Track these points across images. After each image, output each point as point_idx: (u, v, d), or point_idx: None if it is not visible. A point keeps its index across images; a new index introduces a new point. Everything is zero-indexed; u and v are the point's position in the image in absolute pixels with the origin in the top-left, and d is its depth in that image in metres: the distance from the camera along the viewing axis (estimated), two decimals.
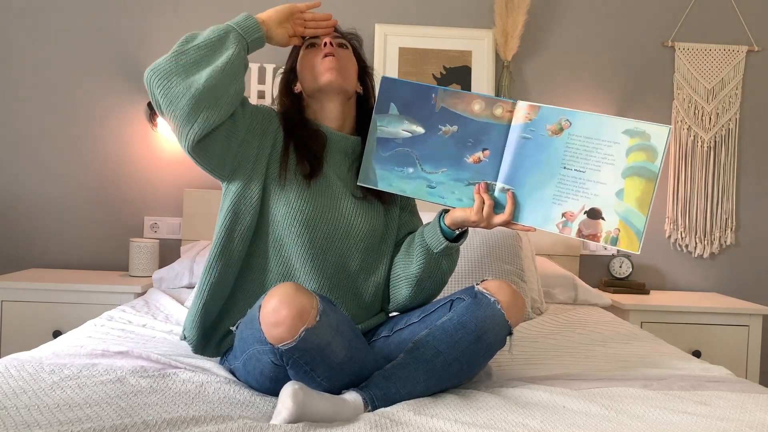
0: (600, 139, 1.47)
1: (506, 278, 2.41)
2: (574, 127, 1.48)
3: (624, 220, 1.46)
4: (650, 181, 1.44)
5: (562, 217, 1.49)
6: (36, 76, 2.98)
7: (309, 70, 1.64)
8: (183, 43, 1.46)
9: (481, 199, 1.51)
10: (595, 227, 1.48)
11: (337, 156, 1.64)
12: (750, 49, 3.10)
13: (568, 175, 1.48)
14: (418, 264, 1.61)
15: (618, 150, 1.46)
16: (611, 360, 1.81)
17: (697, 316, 2.74)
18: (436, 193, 1.56)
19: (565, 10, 3.09)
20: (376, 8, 3.03)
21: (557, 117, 1.49)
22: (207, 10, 2.99)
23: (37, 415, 1.18)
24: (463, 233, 1.61)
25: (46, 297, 2.60)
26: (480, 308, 1.46)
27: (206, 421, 1.18)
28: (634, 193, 1.45)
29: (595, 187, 1.47)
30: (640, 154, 1.45)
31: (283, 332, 1.27)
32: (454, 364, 1.43)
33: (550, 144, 1.48)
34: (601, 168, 1.46)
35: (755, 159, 3.14)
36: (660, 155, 1.44)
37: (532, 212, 1.51)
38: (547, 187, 1.49)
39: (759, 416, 1.30)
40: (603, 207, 1.47)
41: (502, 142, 1.51)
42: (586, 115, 1.48)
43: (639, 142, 1.45)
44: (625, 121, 1.46)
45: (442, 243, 1.57)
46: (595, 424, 1.25)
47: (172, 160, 3.01)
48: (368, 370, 1.40)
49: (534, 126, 1.50)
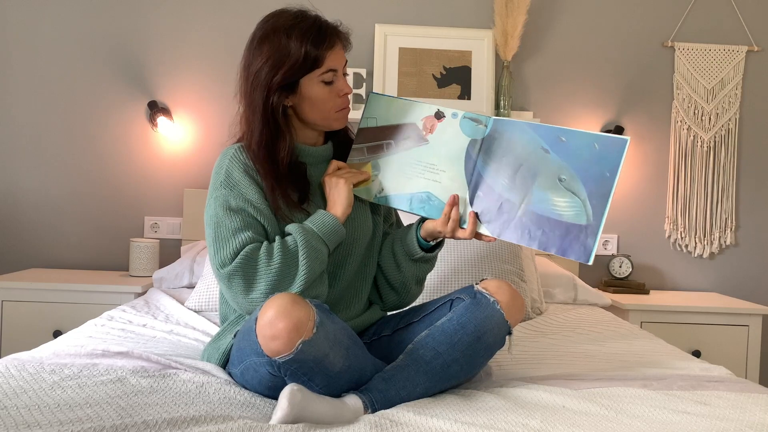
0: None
1: (506, 278, 2.41)
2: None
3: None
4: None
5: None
6: (36, 76, 2.98)
7: (320, 109, 1.57)
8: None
9: (448, 212, 1.55)
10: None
11: (320, 167, 1.64)
12: (750, 49, 3.10)
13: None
14: (404, 269, 1.65)
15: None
16: (611, 360, 1.81)
17: (697, 316, 2.74)
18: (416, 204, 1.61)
19: (565, 10, 3.09)
20: (376, 8, 3.03)
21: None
22: (207, 10, 2.99)
23: (37, 415, 1.18)
24: (439, 243, 1.65)
25: (46, 297, 2.60)
26: (479, 308, 1.46)
27: (206, 421, 1.19)
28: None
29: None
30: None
31: (279, 345, 1.27)
32: (453, 365, 1.43)
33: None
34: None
35: (755, 159, 3.14)
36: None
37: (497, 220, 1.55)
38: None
39: (759, 416, 1.30)
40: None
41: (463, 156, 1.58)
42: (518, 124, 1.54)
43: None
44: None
45: (418, 252, 1.62)
46: (595, 424, 1.25)
47: (172, 160, 3.01)
48: (367, 376, 1.40)
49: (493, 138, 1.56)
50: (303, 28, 1.51)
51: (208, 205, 1.55)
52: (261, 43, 1.52)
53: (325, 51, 1.52)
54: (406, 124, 1.63)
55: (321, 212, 1.54)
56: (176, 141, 3.00)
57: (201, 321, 2.09)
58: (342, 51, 1.58)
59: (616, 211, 3.09)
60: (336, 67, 1.55)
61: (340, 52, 1.57)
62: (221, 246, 1.47)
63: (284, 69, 1.50)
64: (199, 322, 2.08)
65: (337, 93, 1.57)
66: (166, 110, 2.95)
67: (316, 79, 1.53)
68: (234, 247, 1.45)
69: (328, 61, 1.53)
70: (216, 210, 1.51)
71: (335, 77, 1.55)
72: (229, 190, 1.51)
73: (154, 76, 3.00)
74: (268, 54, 1.50)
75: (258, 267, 1.44)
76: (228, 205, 1.50)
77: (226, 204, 1.50)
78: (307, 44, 1.50)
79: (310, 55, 1.50)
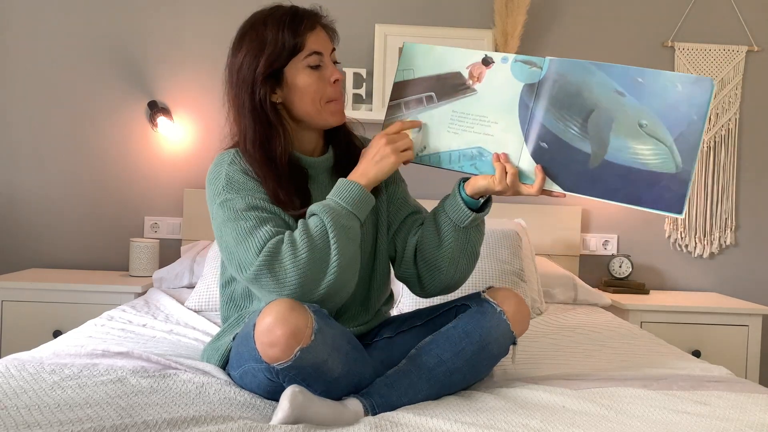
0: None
1: (506, 278, 2.41)
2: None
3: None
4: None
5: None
6: (36, 76, 2.98)
7: (311, 98, 1.48)
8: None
9: (502, 167, 1.41)
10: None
11: (320, 178, 1.56)
12: (750, 49, 3.09)
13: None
14: (448, 243, 1.50)
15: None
16: (611, 360, 1.81)
17: (697, 316, 2.74)
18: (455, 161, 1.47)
19: (565, 10, 3.09)
20: (376, 8, 3.03)
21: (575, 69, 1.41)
22: (207, 10, 2.99)
23: (37, 415, 1.18)
24: (488, 201, 1.51)
25: (46, 297, 2.60)
26: (485, 317, 1.44)
27: (206, 421, 1.19)
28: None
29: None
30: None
31: (278, 352, 1.25)
32: (456, 373, 1.42)
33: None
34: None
35: (755, 159, 3.14)
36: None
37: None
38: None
39: (759, 416, 1.30)
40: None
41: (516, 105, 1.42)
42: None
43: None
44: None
45: (468, 215, 1.47)
46: (595, 424, 1.25)
47: (172, 160, 3.01)
48: (367, 380, 1.39)
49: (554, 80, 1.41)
50: (277, 15, 1.46)
51: (214, 215, 1.45)
52: (240, 41, 1.48)
53: (304, 33, 1.45)
54: (449, 74, 1.47)
55: (343, 181, 1.42)
56: (176, 141, 3.00)
57: (201, 321, 2.09)
58: (324, 35, 1.49)
59: (616, 211, 3.09)
60: (319, 49, 1.46)
61: (322, 34, 1.48)
62: (239, 248, 1.37)
63: (264, 57, 1.44)
64: (199, 322, 2.08)
65: (327, 79, 1.47)
66: (166, 110, 2.95)
67: (300, 65, 1.46)
68: (255, 246, 1.35)
69: (310, 43, 1.45)
70: (225, 215, 1.42)
71: (322, 61, 1.47)
72: (234, 193, 1.43)
73: (154, 76, 3.00)
74: (247, 48, 1.45)
75: (283, 262, 1.33)
76: (236, 208, 1.41)
77: (234, 207, 1.41)
78: (283, 29, 1.44)
79: (288, 39, 1.44)
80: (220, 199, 1.44)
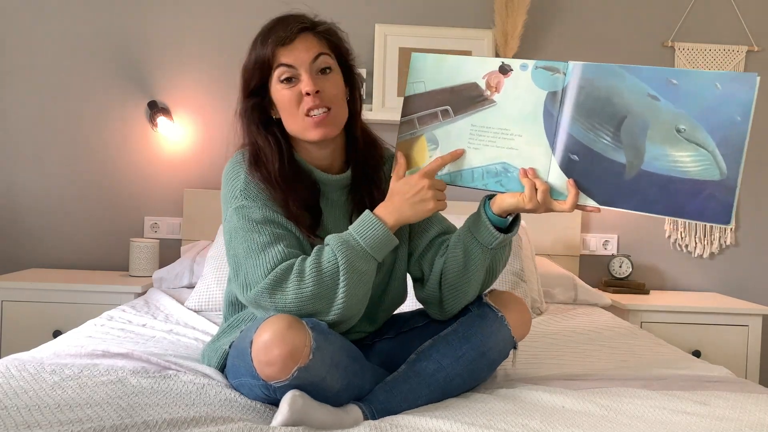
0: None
1: (506, 278, 2.41)
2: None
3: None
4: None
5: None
6: (36, 76, 2.98)
7: (290, 114, 1.41)
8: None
9: (531, 184, 1.32)
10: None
11: (333, 195, 1.49)
12: (750, 49, 3.09)
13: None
14: (475, 267, 1.42)
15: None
16: (611, 360, 1.81)
17: (697, 316, 2.74)
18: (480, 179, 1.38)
19: (565, 10, 3.09)
20: (376, 8, 3.03)
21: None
22: (207, 10, 2.99)
23: (37, 416, 1.18)
24: (516, 218, 1.42)
25: (46, 297, 2.60)
26: (486, 322, 1.44)
27: (207, 422, 1.19)
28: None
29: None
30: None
31: (275, 371, 1.23)
32: (456, 379, 1.41)
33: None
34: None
35: (755, 159, 3.13)
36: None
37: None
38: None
39: (759, 416, 1.30)
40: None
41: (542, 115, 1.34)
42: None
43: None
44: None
45: (496, 237, 1.38)
46: (595, 424, 1.25)
47: (172, 160, 3.01)
48: (367, 389, 1.38)
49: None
50: (260, 32, 1.43)
51: (228, 217, 1.41)
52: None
53: (274, 48, 1.39)
54: (465, 85, 1.38)
55: (368, 217, 1.34)
56: (176, 141, 3.00)
57: (201, 321, 2.09)
58: (302, 46, 1.39)
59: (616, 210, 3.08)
60: (290, 62, 1.39)
61: (299, 47, 1.39)
62: (248, 262, 1.33)
63: (245, 77, 1.44)
64: (198, 322, 2.08)
65: (300, 93, 1.39)
66: (166, 110, 2.95)
67: (275, 81, 1.41)
68: (264, 265, 1.31)
69: (280, 56, 1.39)
70: (239, 223, 1.37)
71: (294, 75, 1.39)
72: (252, 201, 1.37)
73: (154, 76, 3.00)
74: (243, 64, 1.45)
75: (286, 291, 1.29)
76: (252, 218, 1.36)
77: (250, 217, 1.36)
78: (257, 46, 1.41)
79: (260, 55, 1.40)
80: (236, 203, 1.39)
